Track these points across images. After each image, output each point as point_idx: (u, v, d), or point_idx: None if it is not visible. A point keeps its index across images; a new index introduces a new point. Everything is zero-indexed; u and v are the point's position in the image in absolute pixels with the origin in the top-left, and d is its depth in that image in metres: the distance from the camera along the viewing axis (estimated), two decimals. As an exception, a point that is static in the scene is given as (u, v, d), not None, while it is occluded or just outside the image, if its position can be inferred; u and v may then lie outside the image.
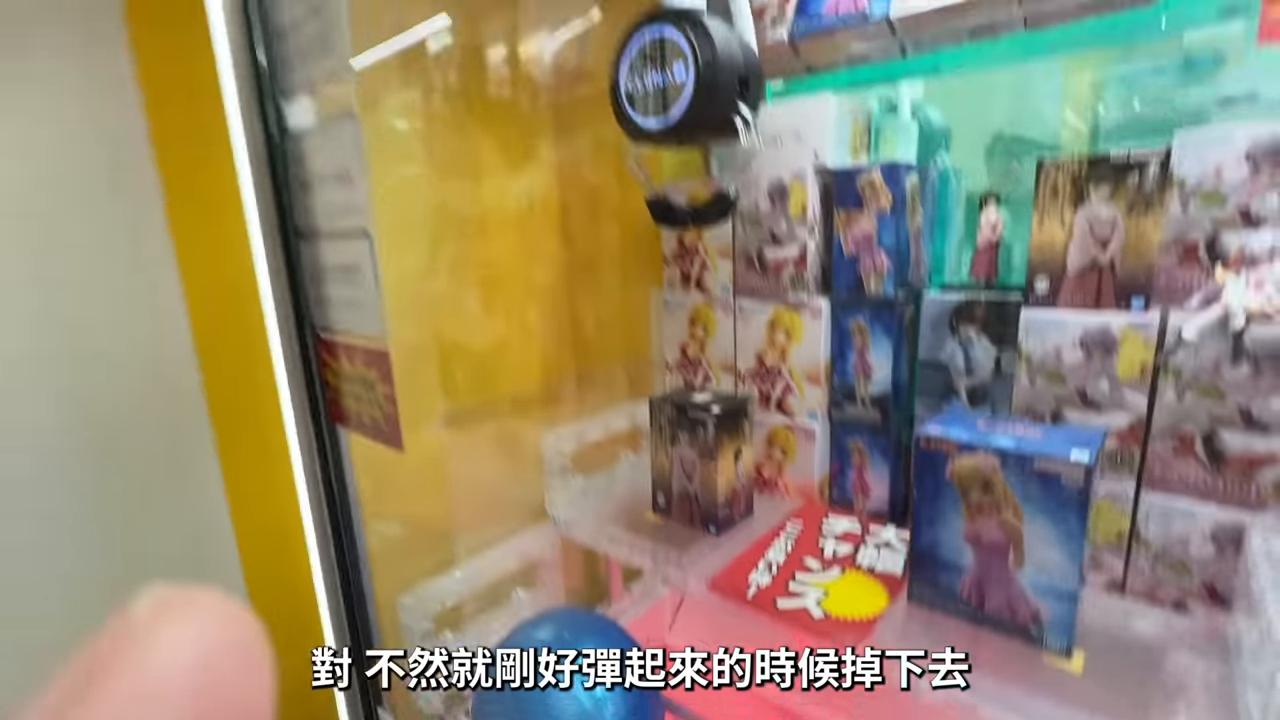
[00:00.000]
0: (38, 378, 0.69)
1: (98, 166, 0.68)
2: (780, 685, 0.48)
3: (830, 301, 0.89)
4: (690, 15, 0.64)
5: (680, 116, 0.66)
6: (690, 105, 0.65)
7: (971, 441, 0.58)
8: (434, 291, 0.92)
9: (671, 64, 0.65)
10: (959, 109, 1.22)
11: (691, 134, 0.68)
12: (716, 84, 0.64)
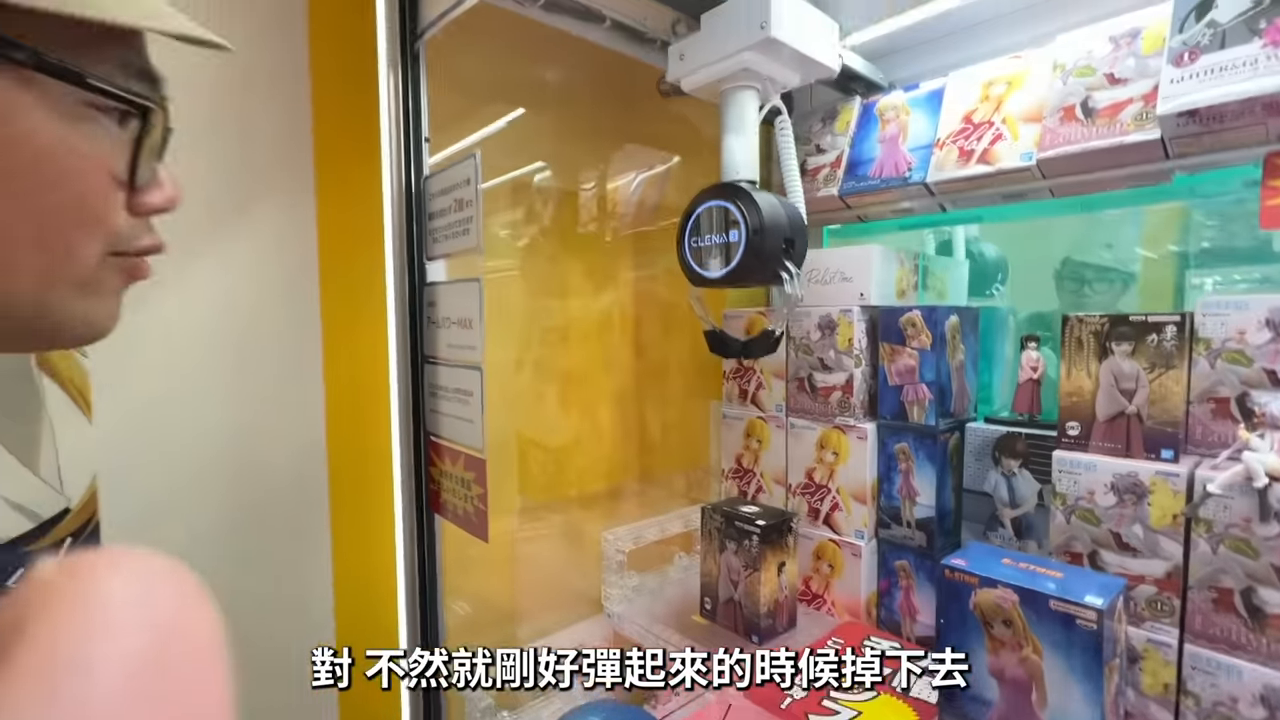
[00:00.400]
0: (212, 463, 0.87)
1: (278, 301, 0.89)
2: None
3: (876, 425, 0.96)
4: (743, 190, 0.79)
5: (732, 269, 0.79)
6: (740, 261, 0.78)
7: (993, 576, 0.62)
8: (521, 398, 1.07)
9: (727, 229, 0.79)
10: (1020, 239, 1.30)
11: (741, 282, 0.81)
12: (763, 246, 0.77)
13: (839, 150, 1.05)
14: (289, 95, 0.88)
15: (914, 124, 0.96)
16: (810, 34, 0.78)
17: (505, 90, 1.04)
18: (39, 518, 0.77)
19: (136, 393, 0.83)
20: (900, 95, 1.00)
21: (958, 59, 0.96)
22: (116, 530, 0.81)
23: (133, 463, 0.83)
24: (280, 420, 0.92)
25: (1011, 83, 0.87)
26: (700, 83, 0.80)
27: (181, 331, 0.86)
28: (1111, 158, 0.75)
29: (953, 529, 0.94)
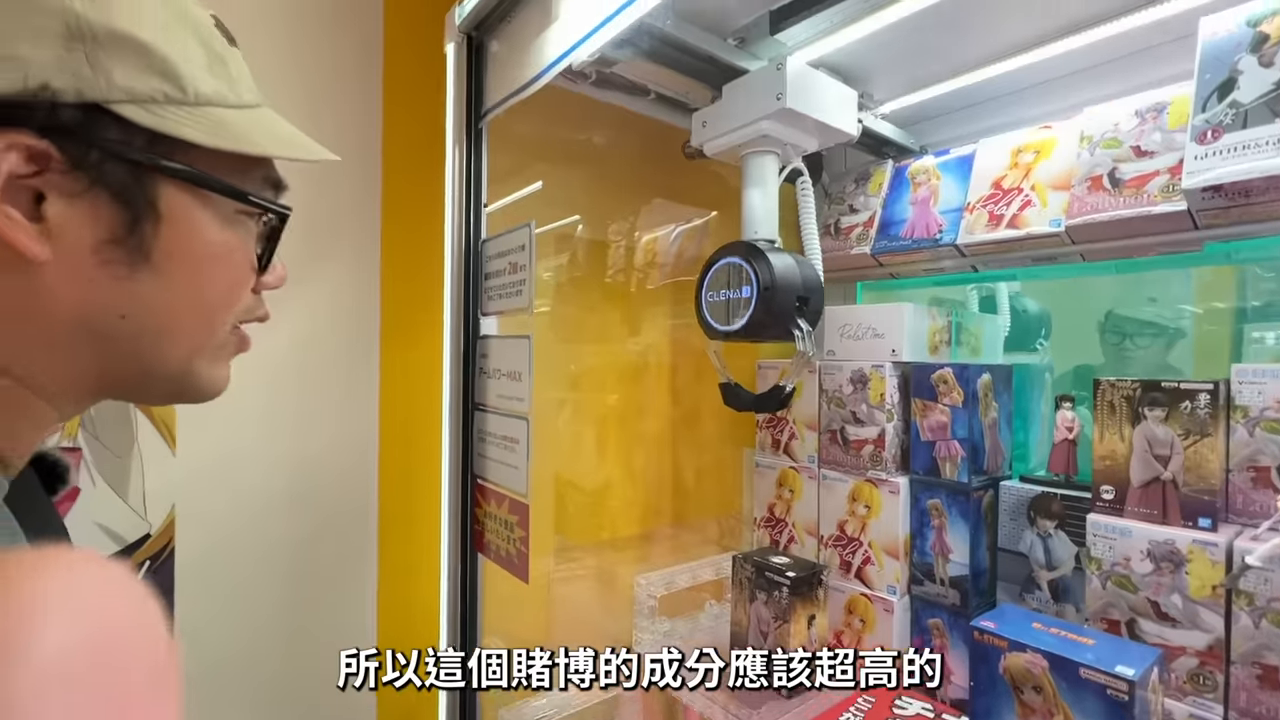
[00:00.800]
0: (275, 496, 0.94)
1: (340, 348, 0.97)
2: None
3: (909, 480, 0.96)
4: (756, 248, 0.83)
5: (743, 325, 0.83)
6: (751, 317, 0.82)
7: (1022, 640, 0.63)
8: (559, 441, 1.12)
9: (740, 285, 0.83)
10: (1064, 293, 1.30)
11: (755, 337, 0.85)
12: (774, 302, 0.80)
13: (872, 210, 1.09)
14: (363, 163, 0.98)
15: (944, 188, 0.99)
16: (828, 103, 0.83)
17: (552, 150, 1.12)
18: (124, 541, 0.85)
19: (213, 431, 0.91)
20: (931, 159, 1.04)
21: (987, 126, 1.00)
22: (189, 555, 0.88)
23: (206, 494, 0.90)
24: (337, 459, 0.99)
25: (1040, 151, 0.90)
26: (722, 148, 0.86)
27: (254, 374, 0.94)
28: (1140, 226, 0.77)
29: (988, 588, 0.93)
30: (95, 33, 0.27)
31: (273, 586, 0.96)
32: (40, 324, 0.29)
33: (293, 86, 0.94)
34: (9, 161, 0.26)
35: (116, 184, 0.29)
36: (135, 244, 0.30)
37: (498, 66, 0.83)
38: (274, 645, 0.95)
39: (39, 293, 0.28)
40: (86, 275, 0.29)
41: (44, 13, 0.26)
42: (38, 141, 0.26)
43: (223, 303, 0.34)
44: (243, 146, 0.31)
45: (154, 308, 0.31)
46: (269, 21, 0.93)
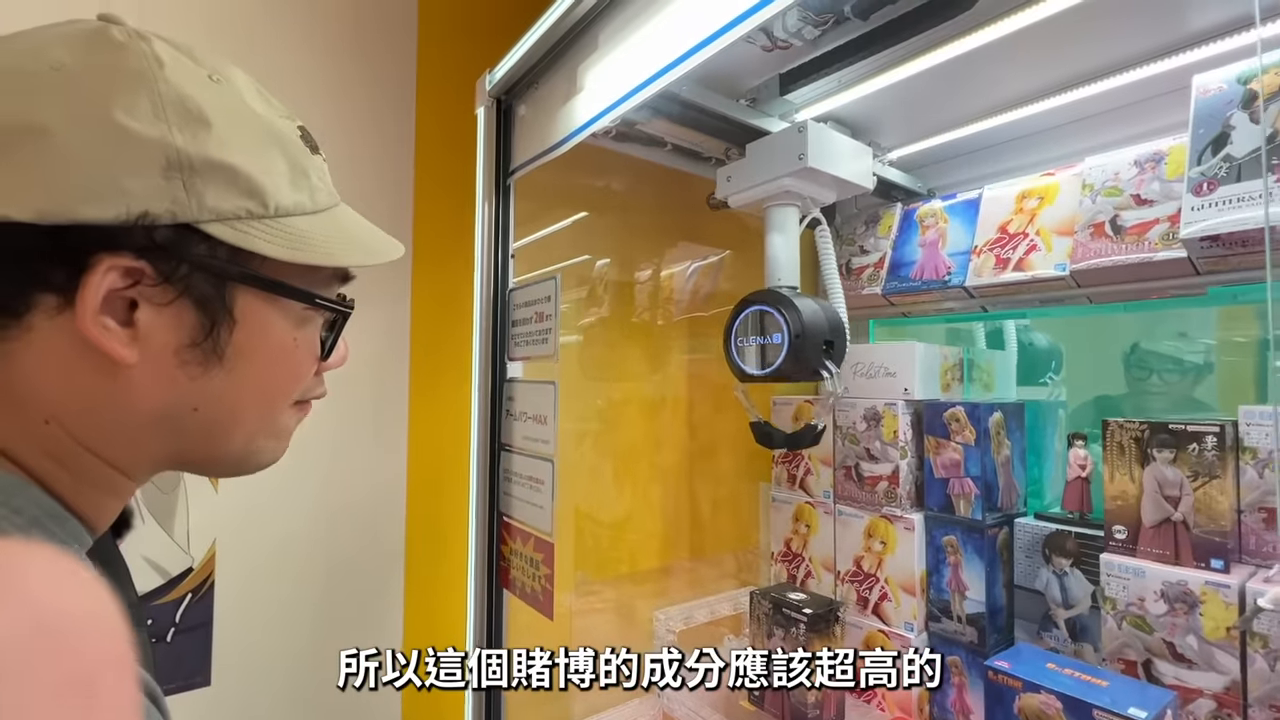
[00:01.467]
0: (312, 526, 0.98)
1: (371, 390, 1.02)
2: None
3: (924, 517, 0.98)
4: (784, 297, 0.87)
5: (774, 369, 0.86)
6: (782, 362, 0.85)
7: (1037, 681, 0.64)
8: (578, 476, 1.15)
9: (770, 331, 0.87)
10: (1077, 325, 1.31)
11: (783, 379, 0.88)
12: (803, 347, 0.84)
13: (882, 252, 1.12)
14: (395, 216, 1.04)
15: (952, 231, 1.03)
16: (845, 159, 0.87)
17: (572, 196, 1.18)
18: (168, 574, 0.89)
19: (254, 466, 0.95)
20: (938, 203, 1.07)
21: (992, 171, 1.04)
22: (228, 587, 0.93)
23: (245, 530, 0.95)
24: (367, 497, 1.03)
25: (1044, 197, 0.93)
26: (745, 201, 0.90)
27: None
28: (1143, 271, 0.80)
29: (1005, 626, 0.94)
30: (192, 163, 0.30)
31: (305, 617, 0.99)
32: (125, 416, 0.32)
33: (334, 139, 1.01)
34: (109, 280, 0.29)
35: (200, 294, 0.32)
36: (210, 346, 0.33)
37: (525, 129, 0.88)
38: (306, 672, 0.98)
39: (125, 390, 0.31)
40: (167, 375, 0.32)
41: (147, 147, 0.29)
42: (135, 262, 0.29)
43: (284, 391, 0.37)
44: (316, 259, 0.34)
45: (223, 401, 0.34)
46: (312, 83, 1.01)
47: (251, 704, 0.94)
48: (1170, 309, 0.99)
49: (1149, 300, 0.86)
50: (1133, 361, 1.22)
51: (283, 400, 0.38)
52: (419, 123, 1.06)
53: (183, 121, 0.30)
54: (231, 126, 0.32)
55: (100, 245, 0.29)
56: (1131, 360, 1.22)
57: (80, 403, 0.31)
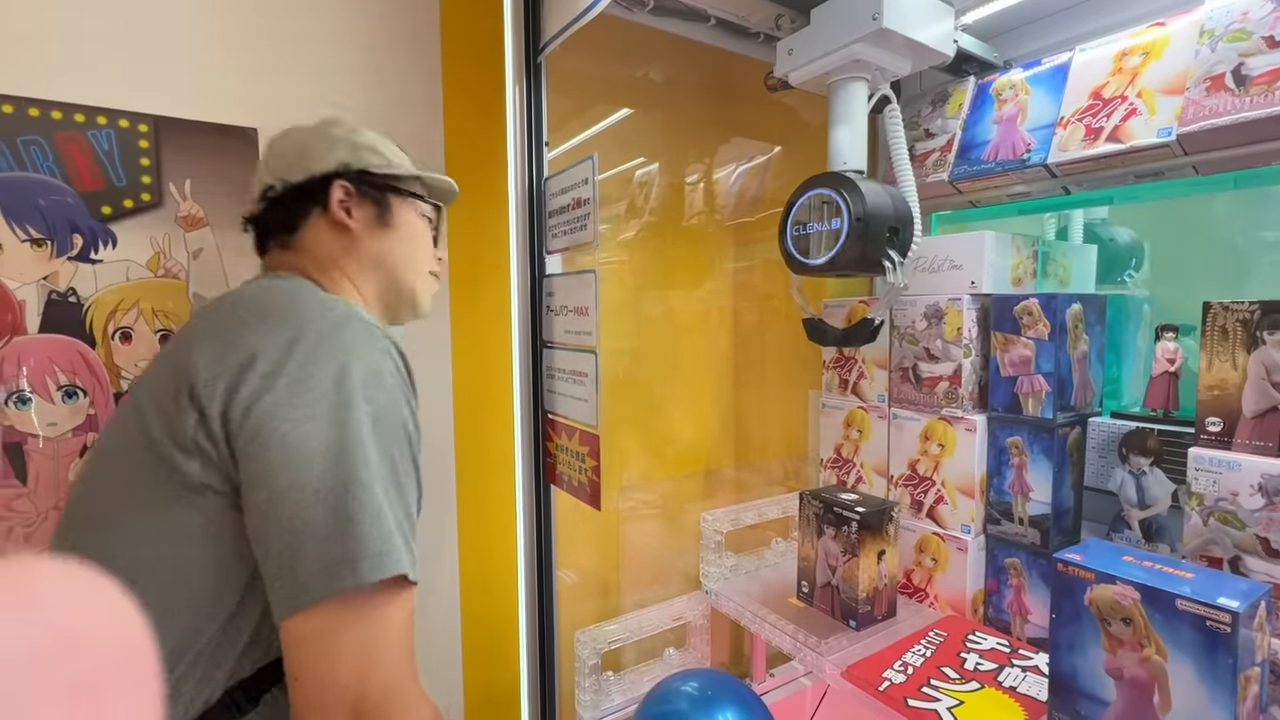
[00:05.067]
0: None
1: None
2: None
3: (986, 418, 0.93)
4: (846, 179, 0.79)
5: (833, 256, 0.80)
6: (842, 248, 0.79)
7: (1111, 571, 0.60)
8: (625, 377, 1.13)
9: (829, 217, 0.80)
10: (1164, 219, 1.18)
11: (844, 270, 0.82)
12: (866, 233, 0.77)
13: (950, 134, 1.02)
14: (423, 108, 0.99)
15: (1034, 103, 0.91)
16: (924, 21, 0.77)
17: (610, 90, 1.10)
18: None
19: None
20: (1019, 73, 0.95)
21: (1084, 32, 0.91)
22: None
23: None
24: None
25: (1150, 52, 0.81)
26: (809, 76, 0.81)
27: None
28: (1268, 129, 0.69)
29: (1071, 527, 0.89)
30: (358, 143, 0.65)
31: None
32: (359, 260, 0.65)
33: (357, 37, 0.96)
34: (338, 193, 0.63)
35: (375, 197, 0.66)
36: (386, 219, 0.66)
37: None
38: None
39: (357, 244, 0.65)
40: (371, 234, 0.65)
41: (340, 139, 0.65)
42: (347, 184, 0.64)
43: (422, 254, 0.70)
44: (432, 181, 0.70)
45: (396, 252, 0.67)
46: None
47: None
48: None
49: (1266, 168, 0.75)
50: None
51: (423, 260, 0.70)
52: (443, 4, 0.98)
53: (352, 131, 0.67)
54: (372, 134, 0.68)
55: (333, 177, 0.64)
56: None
57: (342, 252, 0.64)
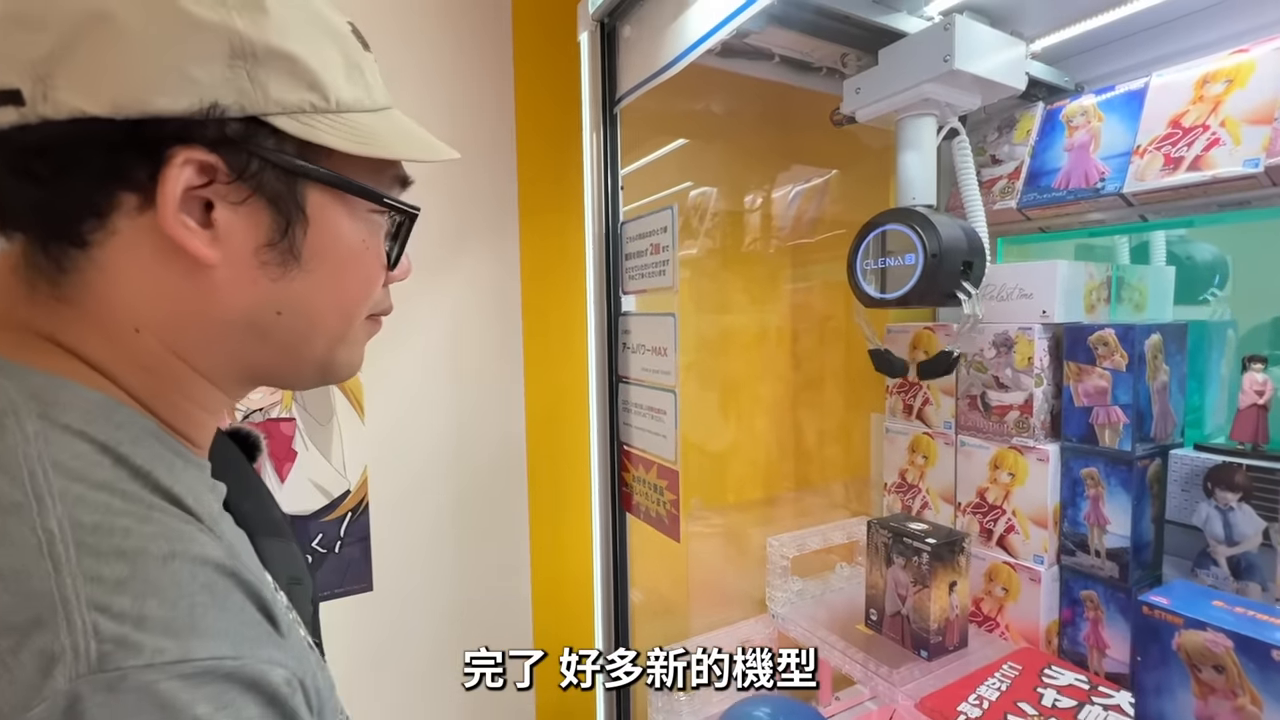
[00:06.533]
0: (445, 452, 1.07)
1: (489, 327, 1.08)
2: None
3: (1059, 447, 0.92)
4: (920, 215, 0.80)
5: (907, 292, 0.81)
6: (916, 284, 0.80)
7: (1201, 618, 0.60)
8: (687, 401, 1.17)
9: (901, 252, 0.81)
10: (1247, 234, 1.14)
11: (915, 304, 0.83)
12: (940, 269, 0.78)
13: (1018, 160, 1.01)
14: (498, 154, 1.05)
15: (1108, 130, 0.90)
16: (994, 57, 0.78)
17: (669, 121, 1.13)
18: (330, 495, 1.01)
19: (393, 404, 1.04)
20: (1090, 99, 0.94)
21: (1159, 56, 0.89)
22: (380, 507, 1.04)
23: (390, 456, 1.04)
24: (491, 426, 1.10)
25: (1233, 79, 0.79)
26: (877, 114, 0.83)
27: (421, 352, 1.06)
28: (1365, 161, 0.67)
29: (1152, 562, 0.88)
30: (255, 50, 0.29)
31: (446, 534, 1.10)
32: (213, 321, 0.32)
33: (431, 83, 1.02)
34: (185, 176, 0.29)
35: (272, 191, 0.31)
36: (287, 246, 0.32)
37: (630, 52, 0.85)
38: (450, 581, 1.10)
39: (210, 293, 0.31)
40: (249, 276, 0.32)
41: (211, 32, 0.28)
42: (208, 156, 0.29)
43: (359, 297, 0.37)
44: (379, 151, 0.34)
45: (303, 305, 0.34)
46: (402, 21, 1.01)
47: (406, 606, 1.07)
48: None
49: (1366, 197, 0.72)
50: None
51: (359, 308, 0.38)
52: (516, 55, 1.04)
53: (242, 5, 0.29)
54: (287, 12, 0.31)
55: (175, 138, 0.28)
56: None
57: (169, 307, 0.31)
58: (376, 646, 1.05)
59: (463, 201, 1.07)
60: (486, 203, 1.07)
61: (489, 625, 1.14)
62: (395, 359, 1.05)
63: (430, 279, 1.06)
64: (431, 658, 1.10)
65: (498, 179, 1.08)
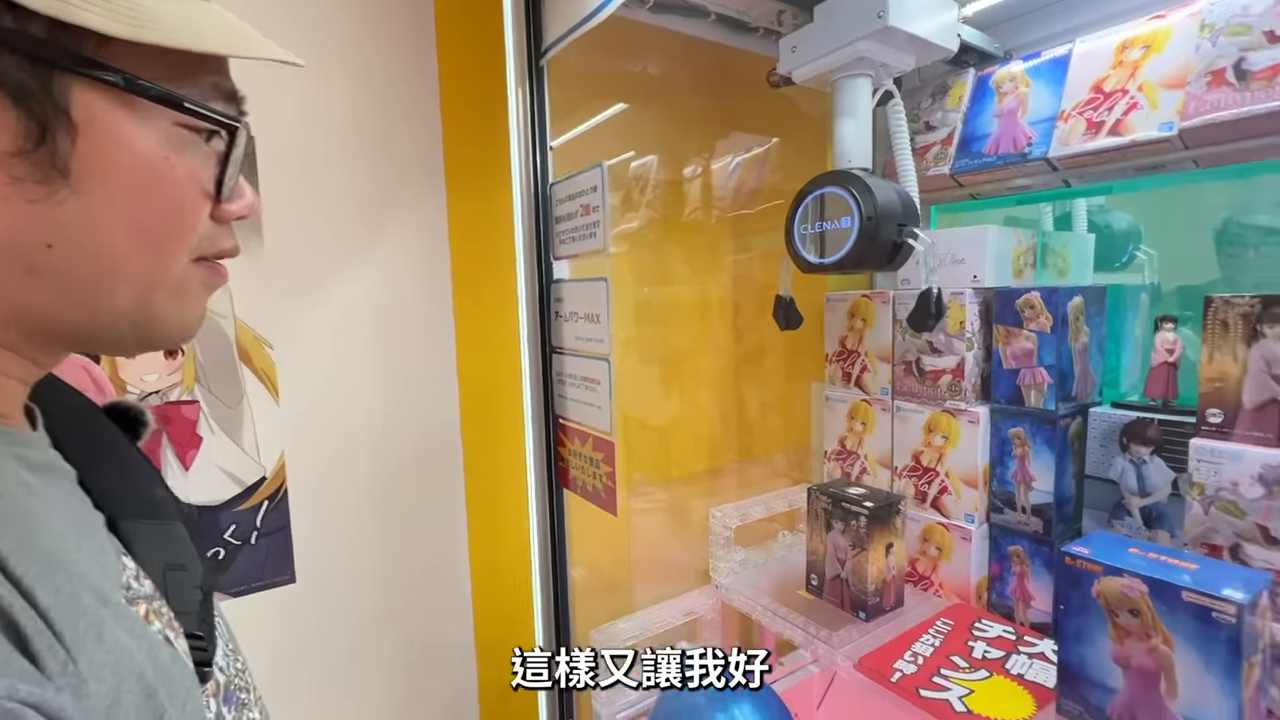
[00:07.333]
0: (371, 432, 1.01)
1: (415, 297, 1.01)
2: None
3: (989, 409, 0.94)
4: (856, 177, 0.79)
5: (844, 256, 0.80)
6: (853, 247, 0.79)
7: (1118, 564, 0.62)
8: (627, 375, 1.14)
9: (838, 216, 0.80)
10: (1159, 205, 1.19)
11: (852, 268, 0.82)
12: (877, 233, 0.77)
13: (950, 127, 1.02)
14: (421, 114, 0.98)
15: (1035, 96, 0.92)
16: (928, 17, 0.77)
17: (606, 84, 1.09)
18: (243, 484, 0.93)
19: (308, 381, 0.97)
20: (1019, 65, 0.95)
21: (1085, 22, 0.91)
22: (300, 494, 0.97)
23: (309, 438, 0.97)
24: (420, 402, 1.04)
25: (1150, 45, 0.81)
26: (812, 73, 0.81)
27: (339, 327, 0.99)
28: (1270, 124, 0.69)
29: (1073, 515, 0.92)
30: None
31: (374, 518, 1.04)
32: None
33: (345, 46, 0.94)
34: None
35: (16, 83, 0.24)
36: (47, 157, 0.25)
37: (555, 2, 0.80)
38: (381, 569, 1.04)
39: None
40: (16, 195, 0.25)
41: None
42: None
43: (169, 230, 0.30)
44: (158, 37, 0.26)
45: (84, 236, 0.27)
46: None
47: (333, 597, 1.01)
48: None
49: (1264, 162, 0.75)
50: (1226, 238, 1.10)
51: (172, 243, 0.30)
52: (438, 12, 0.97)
53: None
54: None
55: None
56: (1224, 237, 1.10)
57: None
58: (303, 640, 0.98)
59: (384, 167, 0.99)
60: (410, 169, 0.99)
61: (426, 610, 1.09)
62: (312, 335, 0.97)
63: (350, 250, 0.99)
64: (364, 649, 1.04)
65: (421, 144, 1.00)
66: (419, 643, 1.08)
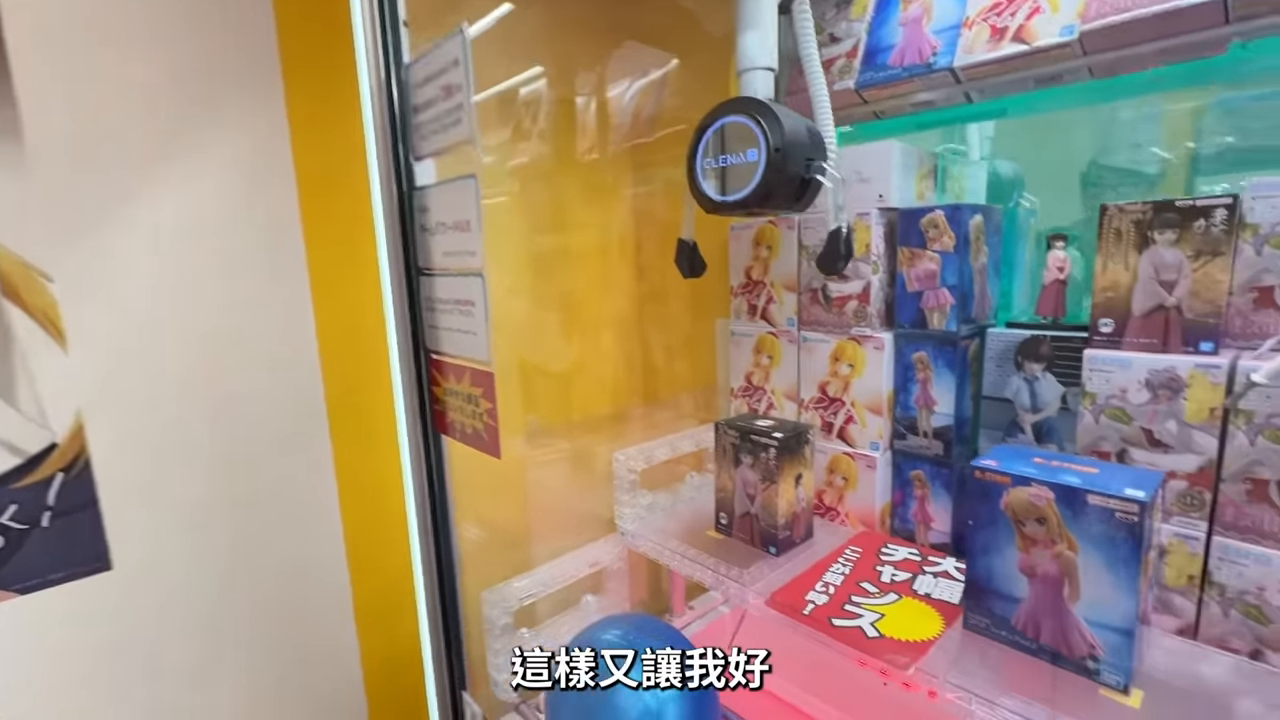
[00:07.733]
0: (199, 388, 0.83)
1: (255, 209, 0.83)
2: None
3: (893, 335, 0.92)
4: (763, 105, 0.71)
5: (748, 194, 0.72)
6: (759, 184, 0.71)
7: (1026, 474, 0.60)
8: (522, 319, 1.03)
9: (743, 149, 0.72)
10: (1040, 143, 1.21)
11: (759, 208, 0.75)
12: (785, 166, 0.70)
13: (855, 38, 0.96)
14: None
15: (940, 2, 0.87)
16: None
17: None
18: (25, 453, 0.74)
19: (111, 321, 0.77)
20: (924, -30, 0.90)
21: (990, -76, 0.86)
22: (111, 465, 0.78)
23: (117, 393, 0.79)
24: (268, 339, 0.87)
25: (1052, -53, 0.78)
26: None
27: (149, 250, 0.80)
28: (1162, 25, 0.68)
29: (970, 436, 0.92)
30: None
31: (214, 485, 0.87)
32: None
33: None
34: None
35: None
36: None
37: None
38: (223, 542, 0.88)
39: None
40: None
41: None
42: None
43: None
44: None
45: None
46: None
47: (163, 584, 0.84)
48: (1170, 89, 0.89)
49: (1156, 69, 0.75)
50: (1089, 180, 1.15)
51: None
52: None
53: None
54: None
55: None
56: (1088, 179, 1.15)
57: None
58: (125, 637, 0.82)
59: (200, 57, 0.79)
60: (235, 45, 0.80)
61: (291, 588, 0.95)
62: (110, 263, 0.77)
63: (157, 161, 0.79)
64: (206, 641, 0.89)
65: (248, 26, 0.81)
66: (287, 620, 0.94)
